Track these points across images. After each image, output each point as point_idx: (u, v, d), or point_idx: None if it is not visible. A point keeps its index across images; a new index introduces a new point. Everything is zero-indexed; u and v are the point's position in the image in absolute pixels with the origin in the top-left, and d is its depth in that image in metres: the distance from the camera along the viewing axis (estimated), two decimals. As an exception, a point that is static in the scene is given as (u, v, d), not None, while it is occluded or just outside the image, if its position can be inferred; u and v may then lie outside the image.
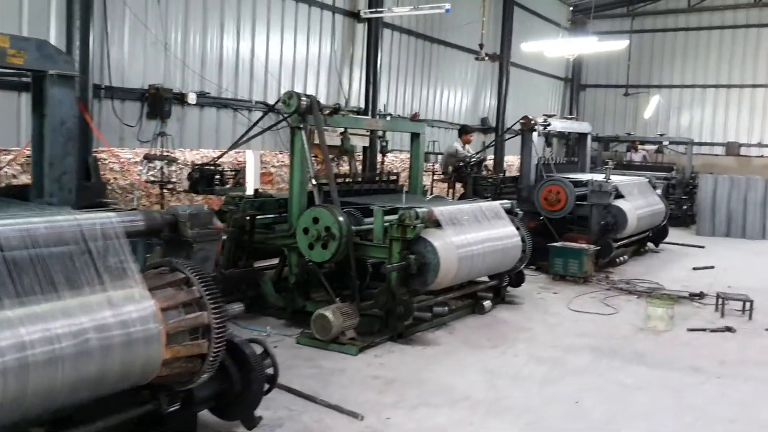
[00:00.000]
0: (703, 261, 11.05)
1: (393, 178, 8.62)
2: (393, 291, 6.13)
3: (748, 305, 7.70)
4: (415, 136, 8.58)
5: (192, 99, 10.07)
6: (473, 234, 6.75)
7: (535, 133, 10.83)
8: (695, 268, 10.54)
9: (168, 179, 9.31)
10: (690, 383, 5.55)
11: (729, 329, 7.07)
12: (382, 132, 10.72)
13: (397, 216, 6.24)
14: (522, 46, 16.52)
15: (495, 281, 7.67)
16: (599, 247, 9.63)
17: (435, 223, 6.47)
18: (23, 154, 8.06)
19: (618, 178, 11.12)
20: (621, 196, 10.45)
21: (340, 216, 6.25)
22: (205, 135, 10.55)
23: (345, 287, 6.56)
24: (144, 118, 9.50)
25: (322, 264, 6.47)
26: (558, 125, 12.30)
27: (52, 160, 4.63)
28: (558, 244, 9.45)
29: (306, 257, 6.48)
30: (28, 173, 7.54)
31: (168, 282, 3.62)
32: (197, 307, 3.61)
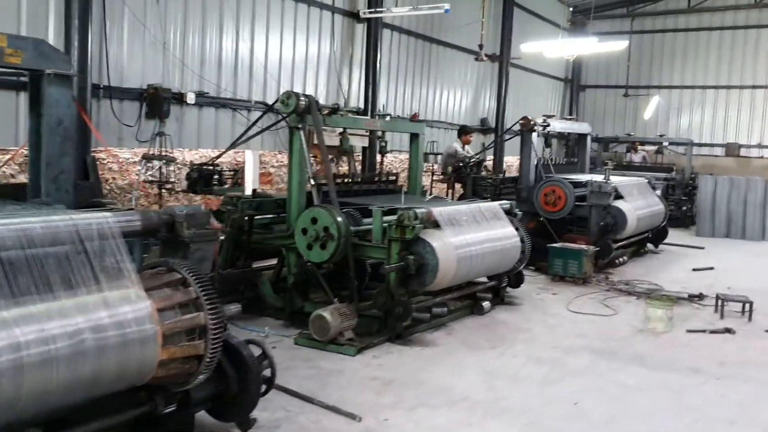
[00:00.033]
0: (703, 262, 11.04)
1: (392, 178, 8.60)
2: (392, 291, 6.11)
3: (747, 306, 7.68)
4: (414, 136, 8.56)
5: (191, 99, 10.06)
6: (472, 235, 6.74)
7: (535, 134, 10.81)
8: (695, 269, 10.53)
9: (166, 179, 9.29)
10: (689, 384, 5.54)
11: (728, 330, 7.05)
12: (381, 132, 10.70)
13: (396, 216, 6.22)
14: (522, 46, 16.51)
15: (494, 282, 7.66)
16: (599, 248, 9.62)
17: (434, 224, 6.46)
18: (21, 153, 8.05)
19: (617, 178, 11.11)
20: (620, 196, 10.43)
21: (338, 216, 6.23)
22: (204, 135, 10.53)
23: (343, 288, 6.54)
24: (142, 117, 9.48)
25: (320, 264, 6.46)
26: (557, 126, 12.28)
27: (49, 159, 4.62)
28: (557, 244, 9.43)
29: (304, 258, 6.47)
30: (26, 173, 7.52)
31: (164, 282, 3.61)
32: (194, 308, 3.60)
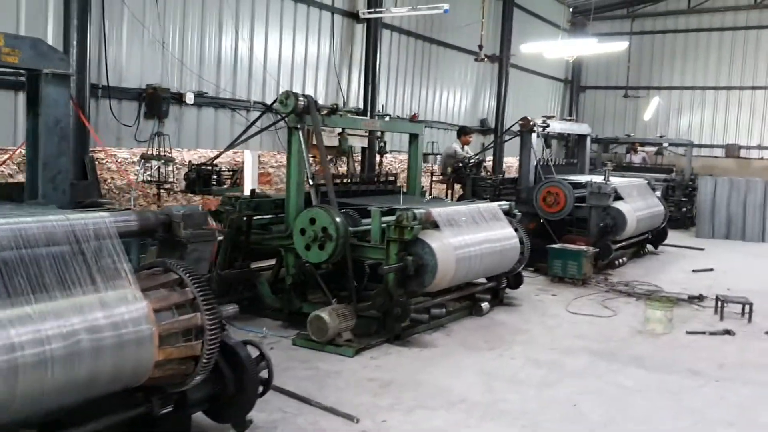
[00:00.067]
0: (703, 263, 11.02)
1: (391, 179, 8.59)
2: (390, 292, 6.09)
3: (747, 308, 7.66)
4: (414, 136, 8.54)
5: (190, 99, 10.05)
6: (471, 235, 6.72)
7: (534, 135, 10.79)
8: (694, 270, 10.51)
9: (165, 179, 9.28)
10: (689, 386, 5.52)
11: (728, 332, 7.03)
12: (380, 133, 10.69)
13: (395, 217, 6.20)
14: (521, 47, 16.48)
15: (493, 283, 7.63)
16: (598, 249, 9.60)
17: (433, 225, 6.44)
18: (20, 153, 8.03)
19: (617, 179, 11.09)
20: (620, 197, 10.42)
21: (337, 217, 6.21)
22: (203, 135, 10.52)
23: (342, 288, 6.51)
24: (141, 117, 9.47)
25: (319, 265, 6.44)
26: (557, 127, 12.27)
27: (46, 159, 4.61)
28: (557, 245, 9.41)
29: (303, 258, 6.44)
30: (24, 173, 7.51)
31: (161, 283, 3.59)
32: (190, 309, 3.58)
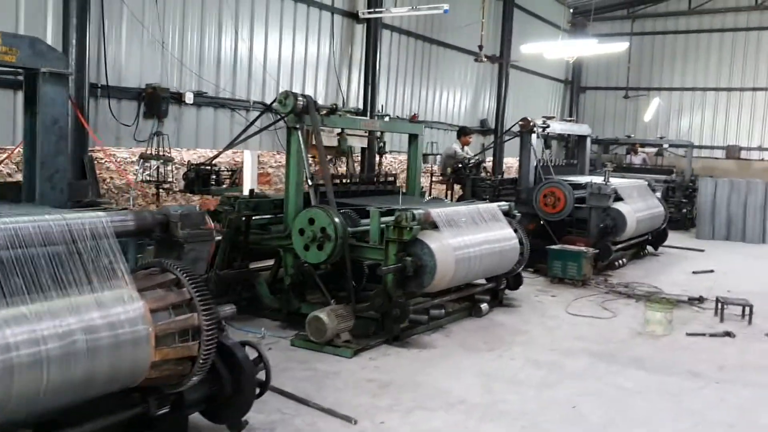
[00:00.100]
0: (703, 265, 10.99)
1: (390, 179, 8.56)
2: (389, 293, 6.07)
3: (747, 310, 7.64)
4: (413, 137, 8.52)
5: (189, 98, 10.03)
6: (471, 236, 6.69)
7: (534, 135, 10.77)
8: (695, 271, 10.49)
9: (164, 179, 9.26)
10: (689, 388, 5.50)
11: (728, 334, 7.00)
12: (379, 133, 10.68)
13: (394, 217, 6.18)
14: (522, 47, 16.47)
15: (492, 284, 7.61)
16: (598, 250, 9.58)
17: (432, 225, 6.42)
18: (18, 152, 8.01)
19: (617, 180, 11.07)
20: (620, 198, 10.40)
21: (336, 217, 6.19)
22: (202, 135, 10.50)
23: (341, 289, 6.49)
24: (140, 117, 9.45)
25: (317, 265, 6.42)
26: (557, 127, 12.25)
27: (44, 159, 4.59)
28: (556, 246, 9.39)
29: (301, 258, 6.42)
30: (22, 172, 7.50)
31: (158, 283, 3.58)
32: (187, 309, 3.57)
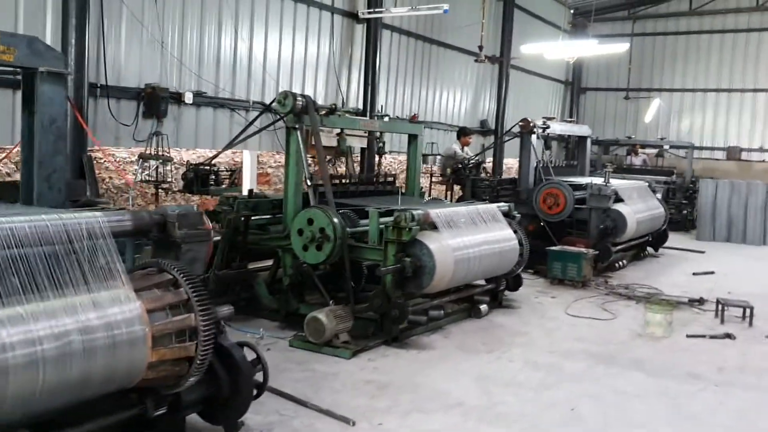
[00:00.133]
0: (703, 266, 10.96)
1: (390, 179, 8.54)
2: (388, 294, 6.05)
3: (748, 312, 7.62)
4: (413, 137, 8.49)
5: (188, 98, 10.01)
6: (470, 237, 6.68)
7: (535, 136, 10.75)
8: (695, 273, 10.46)
9: (163, 179, 9.24)
10: (688, 391, 5.47)
11: (729, 336, 6.98)
12: (379, 133, 10.66)
13: (393, 218, 6.16)
14: (522, 48, 16.45)
15: (492, 285, 7.59)
16: (598, 251, 9.56)
17: (431, 226, 6.40)
18: (17, 151, 8.00)
19: (618, 181, 11.05)
20: (620, 200, 10.37)
21: (334, 217, 6.18)
22: (202, 135, 10.47)
23: (339, 290, 6.48)
24: (140, 117, 9.42)
25: (316, 266, 6.40)
26: (557, 128, 12.23)
27: (41, 158, 4.58)
28: (556, 247, 9.37)
29: (300, 259, 6.41)
30: (21, 171, 7.50)
31: (155, 283, 3.57)
32: (184, 309, 3.55)
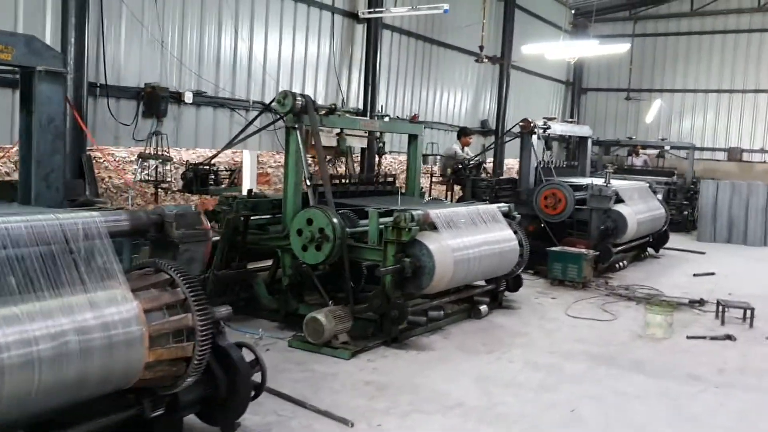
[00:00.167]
0: (704, 267, 10.94)
1: (390, 179, 8.53)
2: (387, 294, 6.03)
3: (748, 313, 7.60)
4: (413, 137, 8.48)
5: (188, 98, 9.99)
6: (470, 237, 6.66)
7: (535, 137, 10.73)
8: (696, 274, 10.44)
9: (162, 179, 9.23)
10: (688, 392, 5.45)
11: (729, 337, 6.96)
12: (379, 133, 10.65)
13: (393, 218, 6.14)
14: (523, 48, 16.43)
15: (492, 285, 7.58)
16: (598, 252, 9.53)
17: (431, 226, 6.38)
18: (16, 151, 7.99)
19: (618, 182, 11.03)
20: (621, 200, 10.35)
21: (334, 218, 6.16)
22: (202, 134, 10.46)
23: (339, 290, 6.46)
24: (139, 116, 9.41)
25: (315, 266, 6.39)
26: (558, 128, 12.21)
27: (39, 158, 4.56)
28: (557, 248, 9.35)
29: (300, 259, 6.39)
30: (20, 171, 7.49)
31: (152, 283, 3.54)
32: (181, 309, 3.53)
